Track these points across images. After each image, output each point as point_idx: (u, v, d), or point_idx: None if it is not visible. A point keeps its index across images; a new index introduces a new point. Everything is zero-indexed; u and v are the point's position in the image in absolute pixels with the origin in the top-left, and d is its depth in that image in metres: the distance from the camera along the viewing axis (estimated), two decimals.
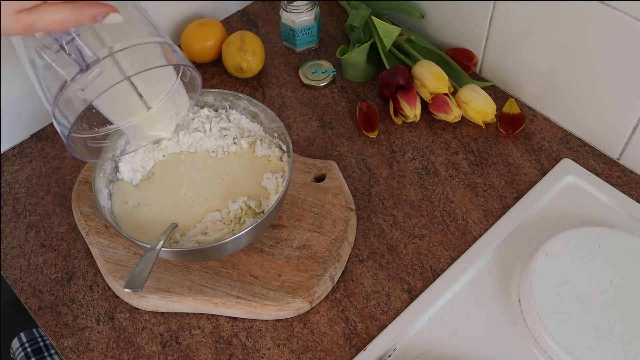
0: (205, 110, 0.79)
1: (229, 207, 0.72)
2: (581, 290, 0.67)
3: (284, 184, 0.70)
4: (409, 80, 0.85)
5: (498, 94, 0.90)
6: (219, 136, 0.78)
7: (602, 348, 0.64)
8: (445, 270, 0.73)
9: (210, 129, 0.78)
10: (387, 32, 0.89)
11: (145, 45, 0.57)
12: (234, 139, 0.78)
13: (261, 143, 0.77)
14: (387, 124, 0.88)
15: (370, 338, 0.69)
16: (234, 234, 0.65)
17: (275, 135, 0.76)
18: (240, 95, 0.77)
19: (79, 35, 0.54)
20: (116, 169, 0.75)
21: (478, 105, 0.84)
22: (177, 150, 0.78)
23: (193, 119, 0.78)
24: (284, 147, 0.75)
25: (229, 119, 0.79)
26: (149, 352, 0.69)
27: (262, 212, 0.72)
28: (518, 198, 0.79)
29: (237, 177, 0.75)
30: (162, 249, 0.65)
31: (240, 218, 0.71)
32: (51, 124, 0.92)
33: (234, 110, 0.79)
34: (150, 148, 0.77)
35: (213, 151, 0.77)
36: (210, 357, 0.69)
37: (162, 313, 0.72)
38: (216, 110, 0.79)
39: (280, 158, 0.76)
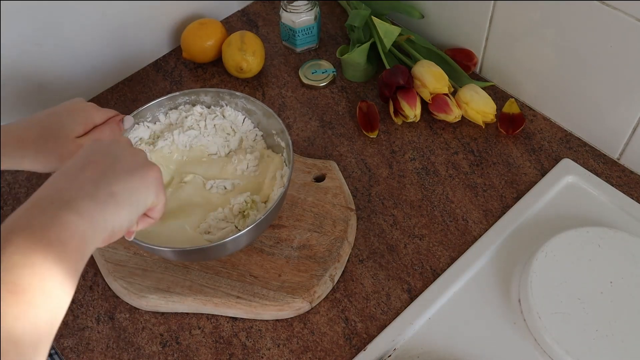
0: (198, 108, 0.78)
1: (232, 201, 0.71)
2: (581, 290, 0.67)
3: (285, 181, 0.70)
4: (409, 80, 0.85)
5: (498, 94, 0.90)
6: (214, 134, 0.77)
7: (602, 348, 0.64)
8: (445, 270, 0.73)
9: (206, 126, 0.77)
10: (387, 32, 0.89)
11: None
12: (227, 134, 0.78)
13: (263, 142, 0.77)
14: (387, 124, 0.88)
15: (370, 338, 0.69)
16: (235, 233, 0.65)
17: (274, 132, 0.76)
18: (238, 93, 0.77)
19: None
20: None
21: (478, 105, 0.84)
22: (173, 150, 0.77)
23: (187, 117, 0.78)
24: (283, 145, 0.75)
25: (223, 116, 0.78)
26: (149, 352, 0.69)
27: (265, 206, 0.71)
28: (518, 198, 0.79)
29: (238, 176, 0.75)
30: (163, 248, 0.65)
31: (245, 211, 0.71)
32: None
33: (228, 107, 0.78)
34: (147, 150, 0.76)
35: (215, 153, 0.77)
36: (210, 357, 0.69)
37: (162, 313, 0.72)
38: (209, 107, 0.79)
39: (281, 156, 0.76)
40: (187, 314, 0.72)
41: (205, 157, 0.77)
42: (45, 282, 0.41)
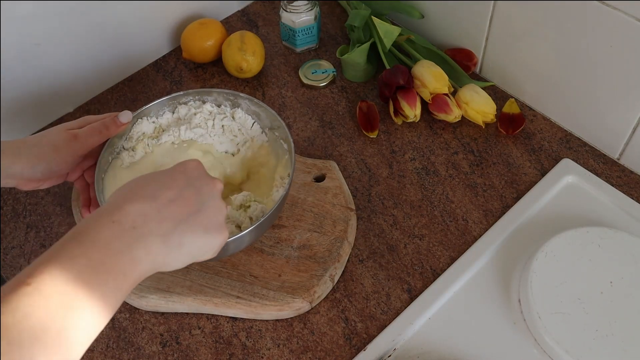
0: (208, 106, 0.78)
1: (233, 199, 0.71)
2: (581, 291, 0.67)
3: (286, 182, 0.70)
4: (409, 80, 0.85)
5: (498, 94, 0.90)
6: (222, 134, 0.77)
7: (602, 348, 0.64)
8: (445, 270, 0.73)
9: (214, 125, 0.77)
10: (387, 32, 0.89)
11: None
12: (234, 136, 0.77)
13: (265, 142, 0.77)
14: (387, 124, 0.88)
15: (370, 338, 0.69)
16: (236, 234, 0.65)
17: (277, 135, 0.76)
18: (242, 95, 0.77)
19: None
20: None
21: (478, 105, 0.84)
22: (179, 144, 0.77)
23: (195, 114, 0.77)
24: (285, 146, 0.75)
25: (233, 117, 0.78)
26: (149, 352, 0.69)
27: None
28: (518, 198, 0.79)
29: (239, 176, 0.75)
30: None
31: (247, 203, 0.70)
32: (51, 124, 0.92)
33: (239, 109, 0.78)
34: (150, 145, 0.76)
35: (226, 151, 0.76)
36: (210, 357, 0.69)
37: (162, 313, 0.72)
38: (219, 106, 0.78)
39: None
40: (187, 314, 0.72)
41: (210, 156, 0.76)
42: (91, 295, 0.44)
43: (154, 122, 0.77)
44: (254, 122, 0.78)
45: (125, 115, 0.71)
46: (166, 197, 0.52)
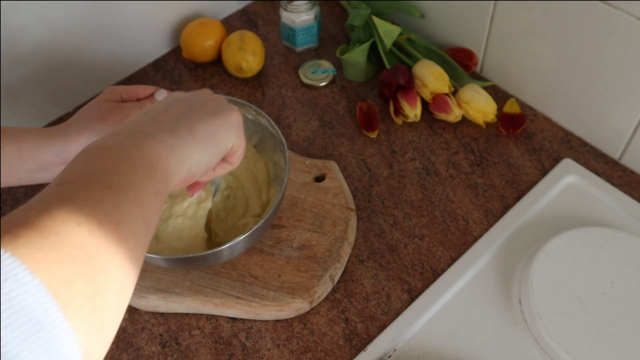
0: None
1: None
2: (582, 291, 0.67)
3: (283, 182, 0.69)
4: (409, 80, 0.85)
5: (499, 94, 0.90)
6: None
7: (603, 348, 0.63)
8: (445, 270, 0.73)
9: None
10: (388, 32, 0.88)
11: None
12: None
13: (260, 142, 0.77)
14: (387, 124, 0.88)
15: (371, 338, 0.68)
16: (230, 241, 0.64)
17: (271, 131, 0.75)
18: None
19: None
20: None
21: (479, 105, 0.84)
22: None
23: None
24: (280, 145, 0.73)
25: None
26: (148, 353, 0.69)
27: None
28: (519, 198, 0.78)
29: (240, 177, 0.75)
30: (156, 256, 0.64)
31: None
32: (50, 124, 0.91)
33: None
34: None
35: None
36: (210, 357, 0.68)
37: (162, 313, 0.72)
38: None
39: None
40: (187, 314, 0.72)
41: None
42: (137, 185, 0.41)
43: None
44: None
45: (161, 94, 0.70)
46: (156, 109, 0.50)
